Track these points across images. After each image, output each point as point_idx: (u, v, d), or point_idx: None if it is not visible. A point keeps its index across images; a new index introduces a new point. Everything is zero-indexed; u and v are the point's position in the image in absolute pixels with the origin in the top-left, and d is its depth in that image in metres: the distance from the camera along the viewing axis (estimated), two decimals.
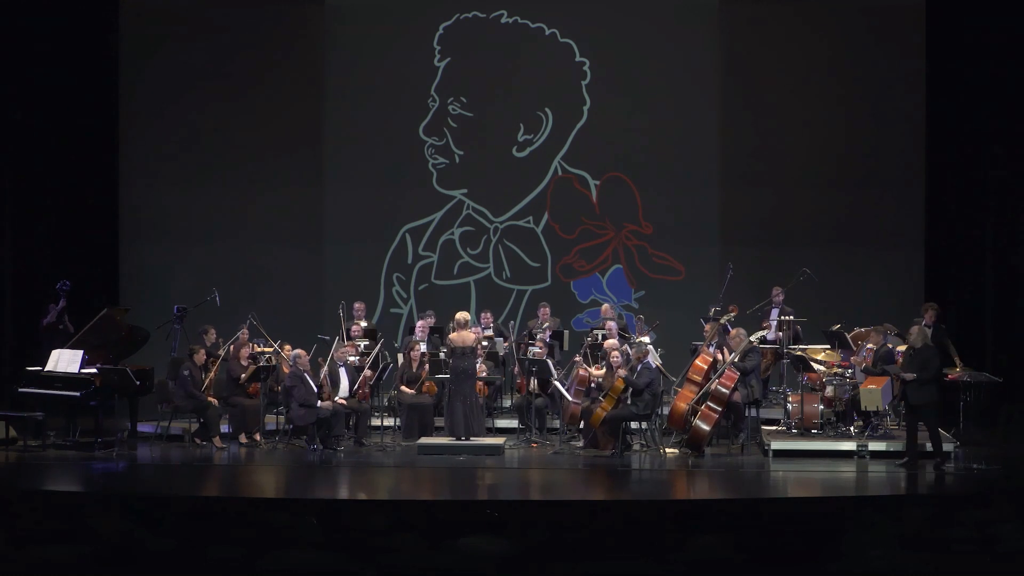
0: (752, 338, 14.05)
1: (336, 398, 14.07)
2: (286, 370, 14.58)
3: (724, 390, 13.62)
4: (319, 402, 13.80)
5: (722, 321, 14.76)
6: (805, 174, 17.38)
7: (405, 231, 17.82)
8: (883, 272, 17.14)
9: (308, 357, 14.06)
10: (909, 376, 12.81)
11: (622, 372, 13.67)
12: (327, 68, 17.64)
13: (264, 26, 17.61)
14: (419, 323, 15.71)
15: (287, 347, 14.88)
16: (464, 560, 9.57)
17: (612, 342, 14.27)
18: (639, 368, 13.68)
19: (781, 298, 15.69)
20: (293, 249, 17.65)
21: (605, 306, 16.33)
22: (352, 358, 14.64)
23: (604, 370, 14.07)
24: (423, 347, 15.14)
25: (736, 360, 13.78)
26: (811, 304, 16.03)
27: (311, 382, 13.82)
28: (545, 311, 16.07)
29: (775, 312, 15.61)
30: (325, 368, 14.13)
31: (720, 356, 14.05)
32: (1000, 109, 16.84)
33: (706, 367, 13.87)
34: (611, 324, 15.50)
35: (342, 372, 14.33)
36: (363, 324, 15.85)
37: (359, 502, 11.81)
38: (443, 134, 17.73)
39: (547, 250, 17.76)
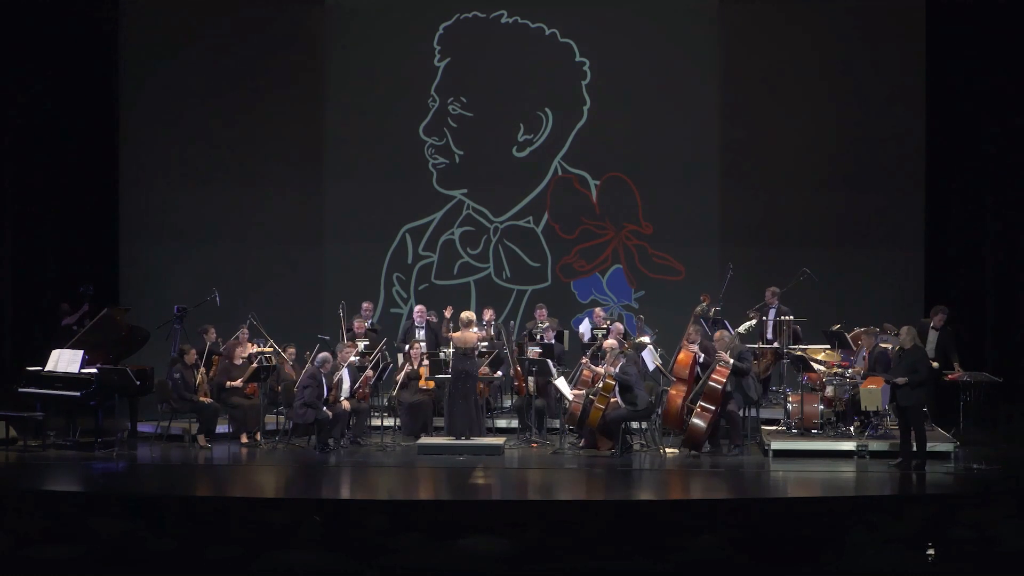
0: (740, 329, 14.00)
1: (340, 398, 14.06)
2: (287, 370, 14.59)
3: (716, 386, 13.59)
4: (324, 407, 13.77)
5: (696, 311, 14.72)
6: (805, 174, 17.37)
7: (405, 231, 17.82)
8: (883, 272, 17.13)
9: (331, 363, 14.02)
10: (901, 381, 12.80)
11: (611, 370, 13.67)
12: (327, 68, 17.63)
13: (264, 26, 17.60)
14: (417, 307, 15.73)
15: (290, 349, 14.87)
16: (464, 560, 9.58)
17: (611, 342, 14.27)
18: (622, 362, 13.63)
19: (776, 300, 15.65)
20: (293, 249, 17.64)
21: (597, 310, 16.29)
22: (353, 358, 14.63)
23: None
24: (423, 346, 15.14)
25: (732, 360, 13.68)
26: (811, 304, 16.02)
27: (324, 386, 13.79)
28: (542, 312, 16.03)
29: (772, 312, 15.60)
30: (339, 373, 14.07)
31: (699, 352, 13.96)
32: (1000, 109, 16.85)
33: (689, 360, 13.84)
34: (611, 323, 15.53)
35: (342, 372, 14.31)
36: (369, 325, 15.84)
37: (359, 502, 11.81)
38: (443, 134, 17.73)
39: (547, 250, 17.75)
